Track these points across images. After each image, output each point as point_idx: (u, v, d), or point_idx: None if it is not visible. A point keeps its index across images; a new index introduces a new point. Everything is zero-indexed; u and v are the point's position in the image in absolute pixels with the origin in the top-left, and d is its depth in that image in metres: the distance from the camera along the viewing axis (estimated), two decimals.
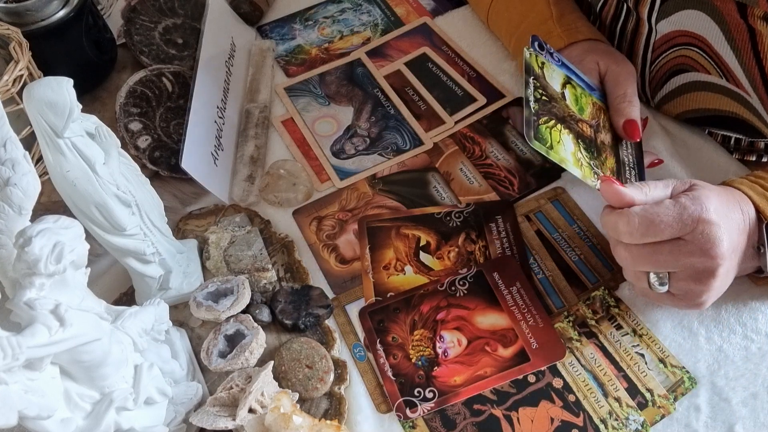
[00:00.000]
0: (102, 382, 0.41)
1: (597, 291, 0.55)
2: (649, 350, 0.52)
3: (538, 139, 0.49)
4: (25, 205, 0.42)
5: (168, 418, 0.47)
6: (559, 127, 0.52)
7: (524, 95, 0.51)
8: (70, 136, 0.43)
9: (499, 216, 0.60)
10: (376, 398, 0.51)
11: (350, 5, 0.82)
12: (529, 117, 0.50)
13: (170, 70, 0.70)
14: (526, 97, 0.51)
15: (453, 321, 0.54)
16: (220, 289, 0.54)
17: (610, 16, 0.64)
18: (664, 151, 0.63)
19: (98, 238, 0.48)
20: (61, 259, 0.36)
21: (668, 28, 0.58)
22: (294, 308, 0.54)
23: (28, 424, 0.37)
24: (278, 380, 0.50)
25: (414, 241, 0.60)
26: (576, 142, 0.52)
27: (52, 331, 0.36)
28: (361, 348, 0.54)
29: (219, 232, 0.59)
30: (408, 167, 0.65)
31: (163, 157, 0.65)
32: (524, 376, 0.51)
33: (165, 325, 0.49)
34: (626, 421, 0.48)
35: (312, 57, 0.77)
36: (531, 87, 0.52)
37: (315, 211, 0.63)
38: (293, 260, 0.58)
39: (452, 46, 0.76)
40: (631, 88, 0.58)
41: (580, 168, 0.51)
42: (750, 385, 0.49)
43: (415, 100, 0.71)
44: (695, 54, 0.57)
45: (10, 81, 0.54)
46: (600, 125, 0.57)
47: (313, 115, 0.71)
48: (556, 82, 0.55)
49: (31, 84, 0.41)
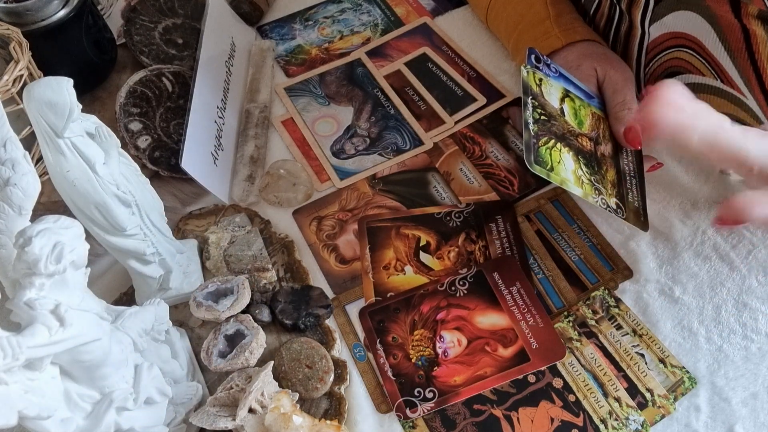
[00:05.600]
0: (102, 382, 0.41)
1: (597, 291, 0.55)
2: (649, 350, 0.52)
3: (538, 162, 0.50)
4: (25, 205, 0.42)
5: (168, 418, 0.47)
6: (559, 146, 0.52)
7: (523, 117, 0.51)
8: (70, 136, 0.43)
9: (499, 216, 0.60)
10: (376, 398, 0.51)
11: (350, 5, 0.82)
12: (529, 140, 0.50)
13: (170, 70, 0.70)
14: (525, 119, 0.51)
15: (453, 321, 0.54)
16: (220, 289, 0.54)
17: (603, 20, 0.64)
18: (665, 152, 0.62)
19: (98, 238, 0.48)
20: (61, 259, 0.36)
21: (661, 31, 0.58)
22: (294, 308, 0.54)
23: (28, 424, 0.36)
24: (278, 380, 0.50)
25: (414, 241, 0.60)
26: (576, 159, 0.53)
27: (52, 331, 0.36)
28: (361, 348, 0.54)
29: (219, 232, 0.59)
30: (408, 167, 0.65)
31: (163, 157, 0.65)
32: (524, 376, 0.51)
33: (165, 325, 0.49)
34: (626, 421, 0.48)
35: (312, 57, 0.77)
36: (530, 108, 0.52)
37: (315, 211, 0.63)
38: (293, 260, 0.58)
39: (452, 46, 0.76)
40: (630, 94, 0.58)
41: (581, 186, 0.51)
42: (750, 385, 0.49)
43: (415, 100, 0.71)
44: (689, 56, 0.57)
45: (10, 81, 0.54)
46: (600, 136, 0.57)
47: (313, 115, 0.71)
48: (555, 98, 0.55)
49: (31, 84, 0.41)
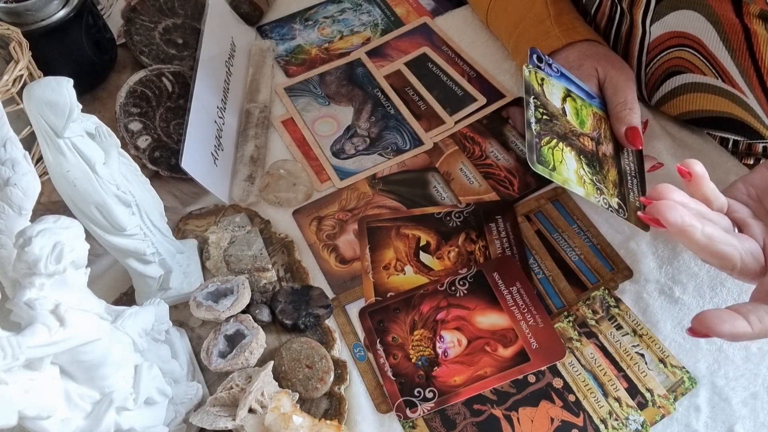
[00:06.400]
0: (102, 382, 0.41)
1: (597, 291, 0.55)
2: (649, 350, 0.52)
3: (540, 162, 0.50)
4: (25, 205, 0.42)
5: (168, 418, 0.47)
6: (561, 146, 0.52)
7: (525, 116, 0.51)
8: (70, 136, 0.43)
9: (499, 216, 0.60)
10: (376, 398, 0.51)
11: (350, 5, 0.82)
12: (531, 140, 0.50)
13: (170, 70, 0.70)
14: (527, 119, 0.51)
15: (453, 321, 0.54)
16: (220, 289, 0.54)
17: (604, 20, 0.64)
18: (665, 152, 0.62)
19: (98, 238, 0.48)
20: (61, 259, 0.36)
21: (662, 30, 0.58)
22: (294, 308, 0.54)
23: (28, 424, 0.37)
24: (278, 380, 0.50)
25: (414, 241, 0.60)
26: (578, 159, 0.53)
27: (52, 331, 0.36)
28: (361, 348, 0.54)
29: (219, 232, 0.59)
30: (408, 167, 0.65)
31: (163, 157, 0.65)
32: (524, 376, 0.51)
33: (165, 325, 0.49)
34: (626, 421, 0.48)
35: (312, 57, 0.77)
36: (532, 107, 0.52)
37: (315, 211, 0.63)
38: (293, 260, 0.58)
39: (452, 46, 0.76)
40: (630, 94, 0.58)
41: (583, 186, 0.52)
42: (750, 385, 0.49)
43: (415, 100, 0.71)
44: (690, 55, 0.57)
45: (10, 81, 0.54)
46: (601, 136, 0.57)
47: (313, 115, 0.71)
48: (556, 98, 0.55)
49: (31, 84, 0.41)
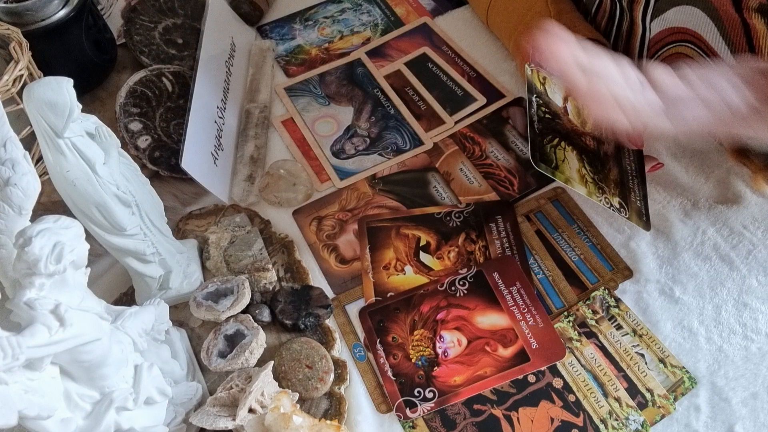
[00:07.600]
0: (102, 382, 0.41)
1: (597, 291, 0.55)
2: (649, 350, 0.52)
3: (543, 160, 0.50)
4: (25, 205, 0.42)
5: (168, 418, 0.47)
6: (563, 145, 0.53)
7: (528, 115, 0.51)
8: (70, 136, 0.43)
9: (499, 216, 0.60)
10: (376, 398, 0.51)
11: (350, 5, 0.82)
12: (534, 138, 0.50)
13: (170, 70, 0.70)
14: (530, 117, 0.51)
15: (453, 321, 0.54)
16: (220, 289, 0.54)
17: (605, 19, 0.64)
18: (665, 152, 0.62)
19: (98, 238, 0.48)
20: (61, 259, 0.36)
21: (662, 26, 0.58)
22: (294, 308, 0.54)
23: (28, 424, 0.37)
24: (278, 380, 0.50)
25: (414, 241, 0.60)
26: (580, 158, 0.53)
27: (52, 331, 0.36)
28: (361, 348, 0.54)
29: (219, 232, 0.59)
30: (408, 167, 0.65)
31: (163, 157, 0.65)
32: (524, 376, 0.51)
33: (165, 325, 0.49)
34: (626, 421, 0.48)
35: (312, 57, 0.77)
36: (534, 106, 0.52)
37: (315, 211, 0.63)
38: (293, 260, 0.58)
39: (452, 46, 0.76)
40: None
41: (585, 185, 0.52)
42: (750, 385, 0.49)
43: (415, 100, 0.71)
44: (689, 50, 0.57)
45: (10, 81, 0.54)
46: (602, 135, 0.57)
47: (313, 115, 0.71)
48: (558, 97, 0.56)
49: (31, 84, 0.41)
